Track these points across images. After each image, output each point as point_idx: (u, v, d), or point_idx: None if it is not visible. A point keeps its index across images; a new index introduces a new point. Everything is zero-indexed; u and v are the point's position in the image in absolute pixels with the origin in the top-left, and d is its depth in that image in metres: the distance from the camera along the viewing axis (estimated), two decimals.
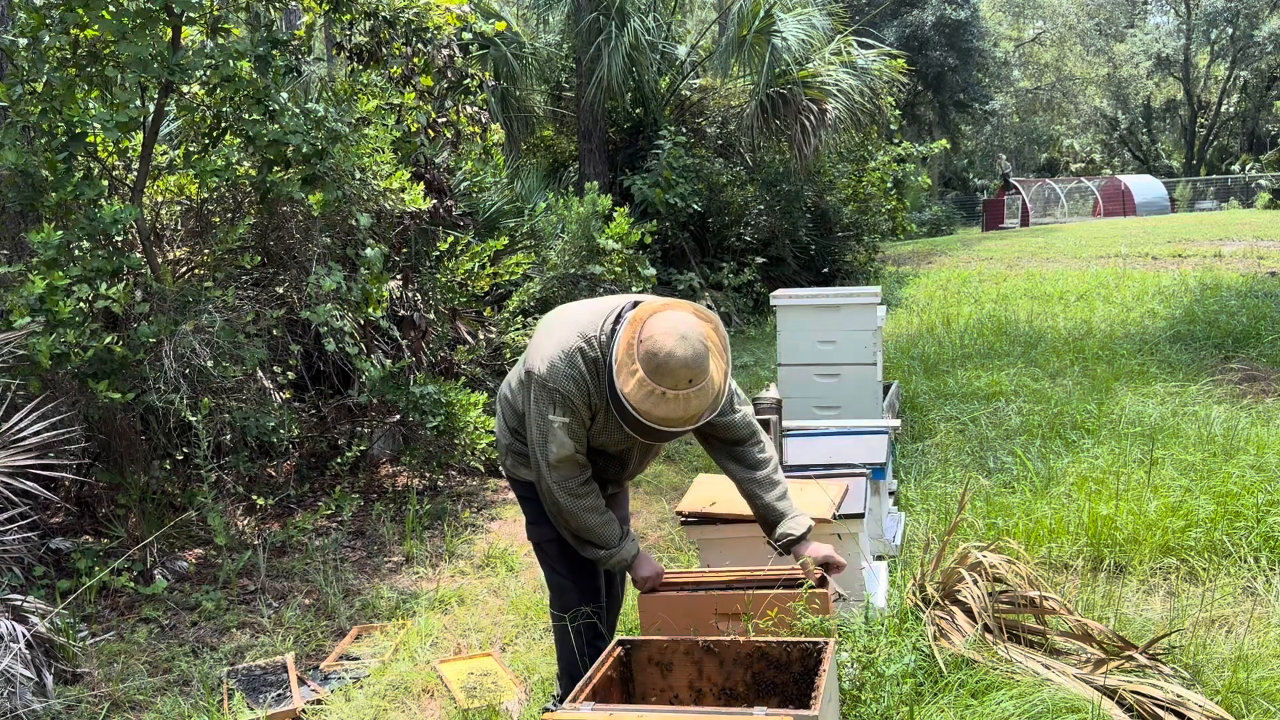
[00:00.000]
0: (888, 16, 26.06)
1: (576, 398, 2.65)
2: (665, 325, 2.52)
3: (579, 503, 2.76)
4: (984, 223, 28.86)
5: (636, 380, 2.50)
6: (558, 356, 2.65)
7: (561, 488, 2.73)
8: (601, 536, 2.81)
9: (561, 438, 2.68)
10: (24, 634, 3.36)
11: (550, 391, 2.66)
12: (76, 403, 4.48)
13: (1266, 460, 4.77)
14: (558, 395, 2.64)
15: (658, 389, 2.48)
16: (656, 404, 2.50)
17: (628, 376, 2.52)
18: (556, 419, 2.66)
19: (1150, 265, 14.26)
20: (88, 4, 4.30)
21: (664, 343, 2.49)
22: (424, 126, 6.35)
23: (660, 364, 2.48)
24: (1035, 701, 2.71)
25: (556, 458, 2.70)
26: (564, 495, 2.74)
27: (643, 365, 2.50)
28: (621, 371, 2.53)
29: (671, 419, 2.53)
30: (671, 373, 2.47)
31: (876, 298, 5.88)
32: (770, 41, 11.51)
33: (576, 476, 2.75)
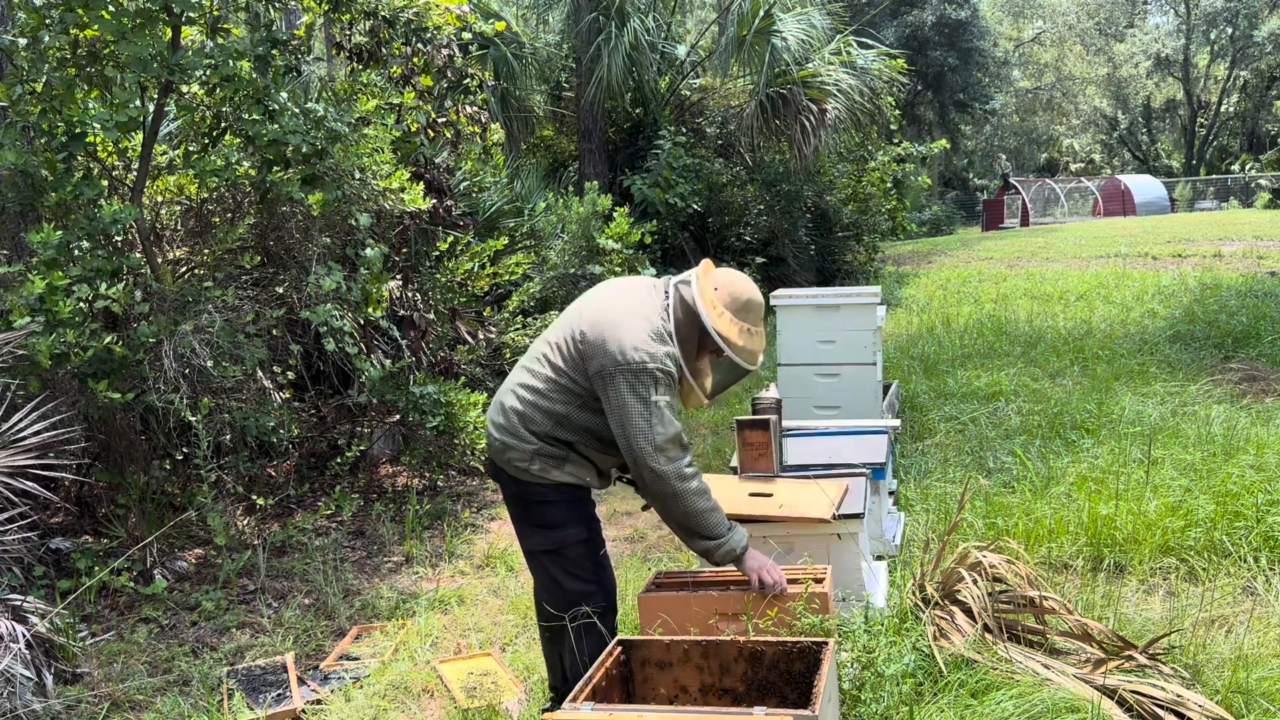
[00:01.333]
0: (888, 16, 26.06)
1: (675, 374, 2.76)
2: (730, 275, 2.89)
3: (689, 485, 2.74)
4: (984, 223, 28.88)
5: (726, 318, 2.80)
6: (647, 338, 2.73)
7: (675, 472, 2.73)
8: (712, 523, 2.79)
9: (669, 417, 2.72)
10: (24, 634, 3.36)
11: (651, 373, 2.70)
12: (76, 403, 4.48)
13: (1266, 460, 4.77)
14: (659, 374, 2.71)
15: (745, 326, 2.83)
16: (746, 340, 2.82)
17: (719, 317, 2.80)
18: (661, 398, 2.71)
19: (1150, 265, 14.26)
20: (87, 4, 4.30)
21: (742, 287, 2.86)
22: (424, 126, 6.35)
23: (743, 303, 2.83)
24: (1035, 701, 2.71)
25: (665, 439, 2.71)
26: (677, 480, 2.73)
27: (728, 303, 2.82)
28: (712, 314, 2.80)
29: (754, 352, 2.85)
30: (753, 310, 2.85)
31: (876, 298, 5.88)
32: (770, 41, 11.51)
33: (684, 458, 2.76)
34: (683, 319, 2.83)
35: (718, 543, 2.80)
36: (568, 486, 2.91)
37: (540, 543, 2.94)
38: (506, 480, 2.95)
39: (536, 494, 2.91)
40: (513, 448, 2.86)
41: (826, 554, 3.40)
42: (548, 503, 2.92)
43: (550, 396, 2.85)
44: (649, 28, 11.64)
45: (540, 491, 2.90)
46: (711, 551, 2.82)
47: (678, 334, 2.80)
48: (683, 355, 2.80)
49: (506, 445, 2.88)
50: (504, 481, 2.98)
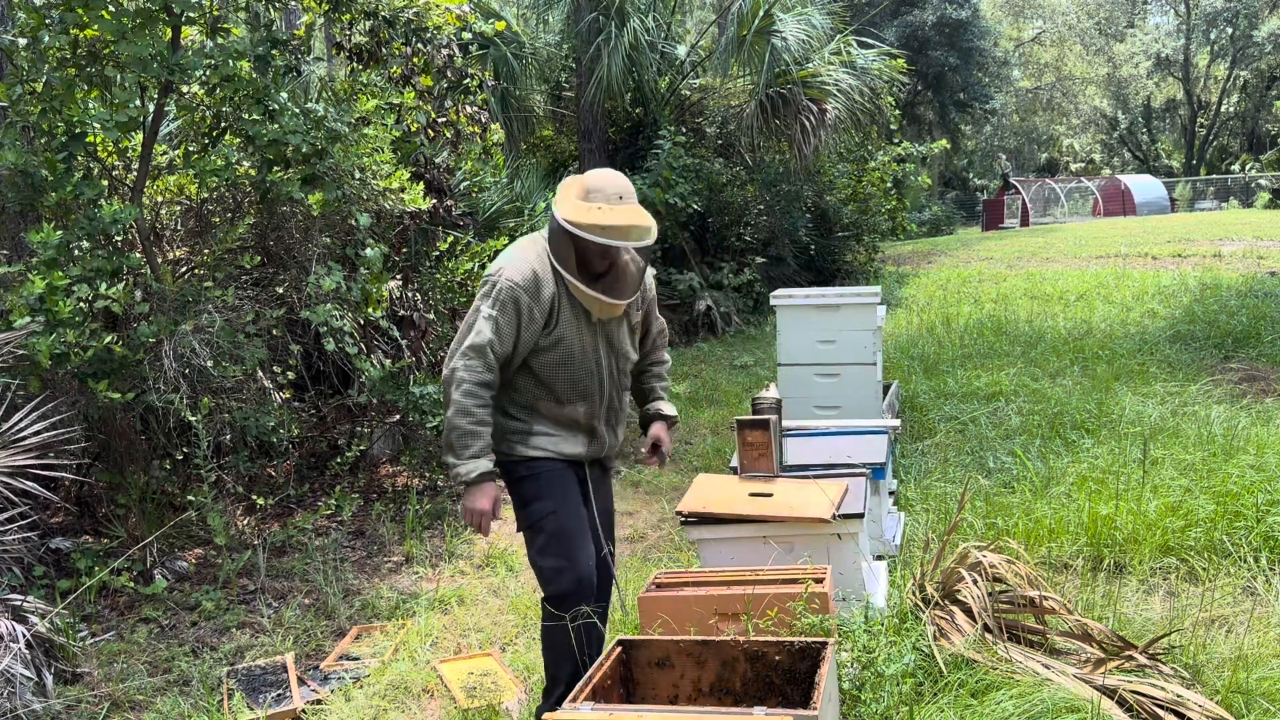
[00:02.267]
0: (888, 16, 26.06)
1: (521, 289, 2.76)
2: (591, 171, 2.87)
3: (463, 399, 2.74)
4: (984, 223, 28.88)
5: (573, 204, 2.78)
6: (509, 254, 2.85)
7: (455, 378, 2.75)
8: (459, 440, 2.76)
9: (483, 326, 2.75)
10: (24, 634, 3.36)
11: (491, 284, 2.78)
12: (76, 403, 4.48)
13: (1266, 460, 4.77)
14: (498, 287, 2.76)
15: (593, 206, 2.76)
16: (595, 216, 2.74)
17: (566, 206, 2.79)
18: (486, 310, 2.76)
19: (1150, 265, 14.26)
20: (87, 4, 4.30)
21: (593, 175, 2.85)
22: (424, 126, 6.35)
23: (590, 186, 2.80)
24: (1035, 701, 2.71)
25: (470, 344, 2.76)
26: (453, 386, 2.75)
27: (578, 194, 2.81)
28: (561, 206, 2.79)
29: (610, 227, 2.73)
30: (600, 189, 2.79)
31: (876, 298, 5.88)
32: (770, 41, 11.51)
33: (478, 372, 2.75)
34: (551, 230, 2.86)
35: (452, 463, 2.79)
36: (540, 460, 2.90)
37: (520, 522, 2.95)
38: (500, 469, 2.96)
39: (514, 472, 2.94)
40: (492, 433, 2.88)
41: (826, 554, 3.40)
42: (521, 479, 2.92)
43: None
44: (649, 28, 11.64)
45: (515, 469, 2.93)
46: (448, 469, 2.83)
47: (553, 249, 2.82)
48: (565, 266, 2.80)
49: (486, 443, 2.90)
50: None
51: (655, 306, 3.17)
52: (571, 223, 2.75)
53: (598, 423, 2.98)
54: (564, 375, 2.88)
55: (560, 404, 2.90)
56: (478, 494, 2.78)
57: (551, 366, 2.86)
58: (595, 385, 2.93)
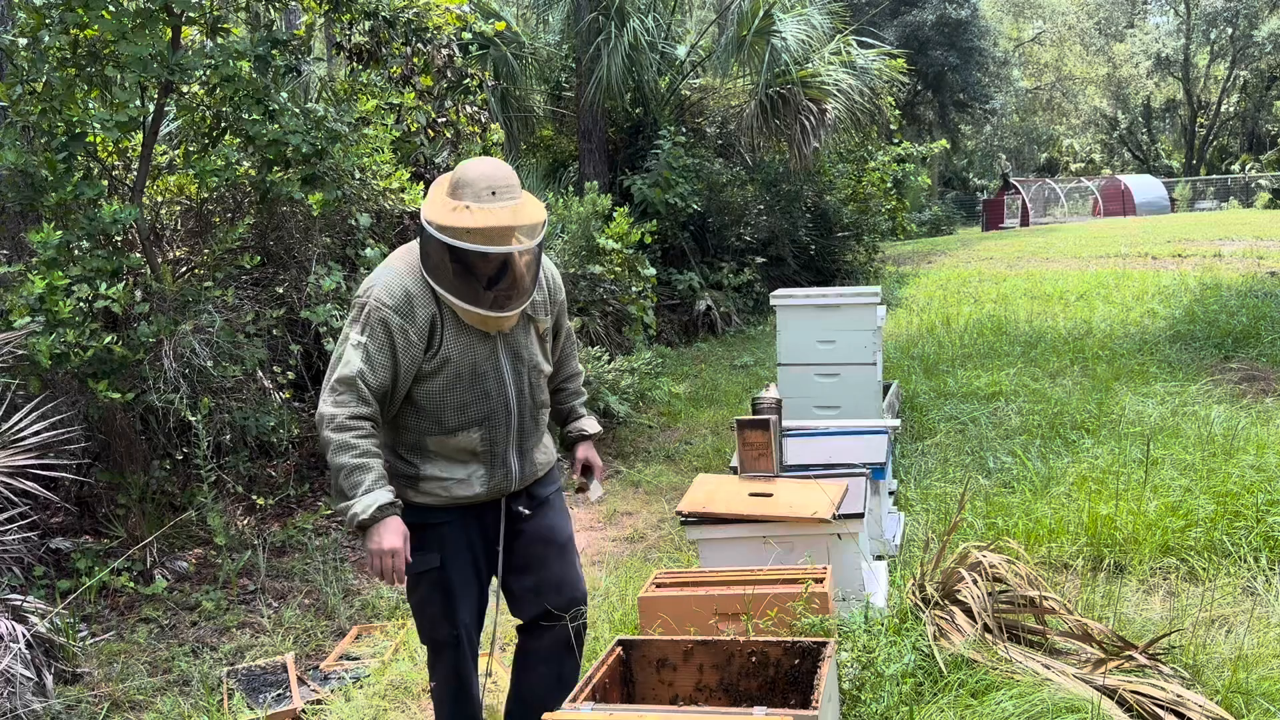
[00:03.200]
0: (888, 16, 26.06)
1: (391, 310, 2.37)
2: (471, 160, 2.43)
3: (339, 435, 2.34)
4: (984, 223, 28.89)
5: (438, 203, 2.37)
6: (380, 269, 2.47)
7: (328, 413, 2.36)
8: (346, 479, 2.35)
9: (351, 356, 2.37)
10: (24, 634, 3.36)
11: (359, 306, 2.41)
12: (76, 403, 4.48)
13: (1266, 460, 4.77)
14: (366, 309, 2.39)
15: (460, 204, 2.33)
16: (460, 218, 2.31)
17: (431, 205, 2.39)
18: (355, 336, 2.38)
19: (1150, 265, 14.26)
20: (87, 4, 4.30)
21: (466, 166, 2.39)
22: (424, 126, 6.35)
23: (458, 180, 2.37)
24: (1035, 701, 2.71)
25: (338, 377, 2.37)
26: (327, 426, 2.35)
27: (445, 191, 2.39)
28: (426, 206, 2.40)
29: (478, 230, 2.30)
30: (470, 184, 2.34)
31: (876, 298, 5.88)
32: (770, 41, 11.51)
33: (351, 405, 2.36)
34: (421, 237, 2.44)
35: (345, 507, 2.36)
36: (430, 509, 2.52)
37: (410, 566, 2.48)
38: None
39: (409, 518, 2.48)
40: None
41: (826, 554, 3.40)
42: (412, 527, 2.47)
43: None
44: (649, 28, 11.65)
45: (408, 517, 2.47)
46: (342, 517, 2.40)
47: (424, 259, 2.42)
48: (438, 278, 2.38)
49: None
50: None
51: (565, 311, 2.76)
52: (434, 225, 2.34)
53: (503, 449, 2.56)
54: (452, 400, 2.48)
55: (449, 434, 2.49)
56: (381, 531, 2.34)
57: (436, 393, 2.46)
58: (498, 406, 2.52)
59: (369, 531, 2.34)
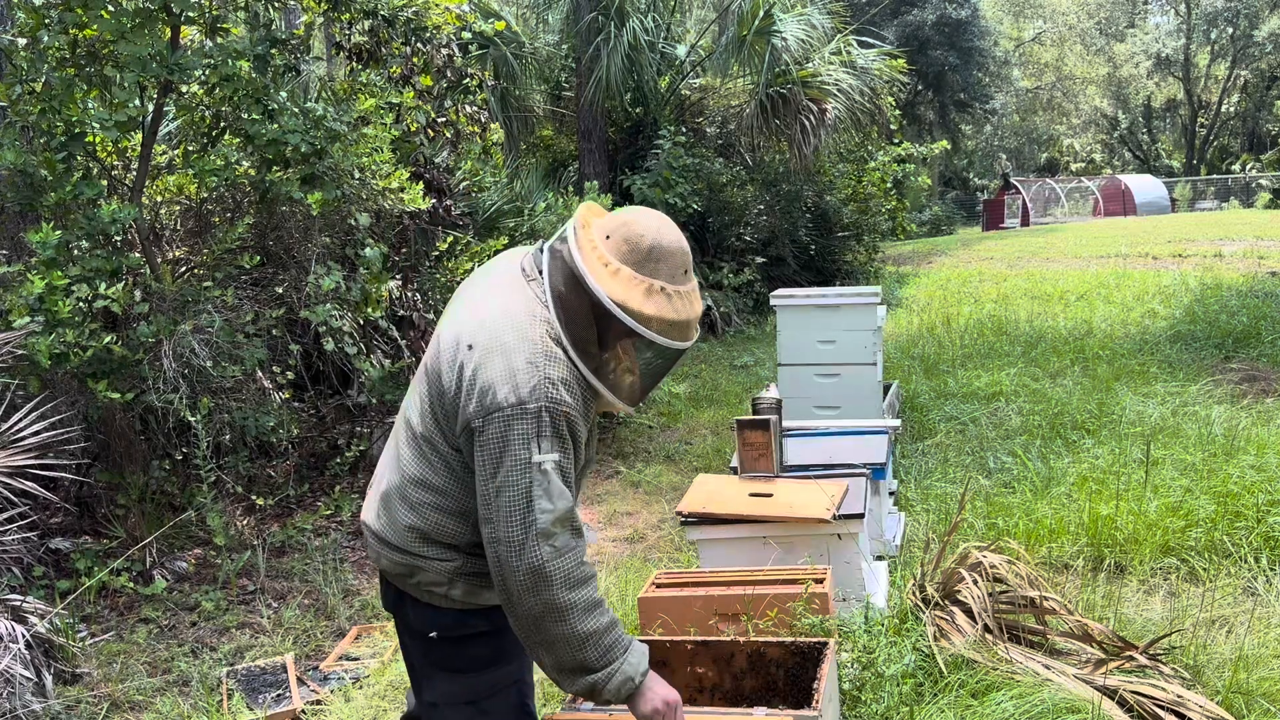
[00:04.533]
0: (888, 16, 26.06)
1: (574, 406, 1.80)
2: (628, 214, 1.88)
3: (578, 594, 1.79)
4: (984, 222, 28.91)
5: (625, 281, 1.80)
6: (527, 359, 1.78)
7: (558, 570, 1.77)
8: (604, 645, 1.81)
9: (556, 486, 1.77)
10: (24, 634, 3.36)
11: (534, 417, 1.76)
12: (76, 403, 4.48)
13: (1266, 460, 4.77)
14: (547, 415, 1.76)
15: (655, 285, 1.81)
16: (662, 307, 1.81)
17: (616, 281, 1.80)
18: (546, 457, 1.76)
19: (1150, 265, 14.26)
20: (86, 4, 4.30)
21: (641, 226, 1.84)
22: (423, 126, 6.35)
23: (651, 249, 1.82)
24: (1035, 702, 2.71)
25: (552, 519, 1.76)
26: (561, 585, 1.77)
27: (626, 261, 1.81)
28: (603, 278, 1.81)
29: (681, 323, 1.84)
30: (665, 257, 1.82)
31: (876, 298, 5.88)
32: (770, 41, 11.51)
33: (575, 550, 1.80)
34: (566, 293, 1.84)
35: (609, 671, 1.82)
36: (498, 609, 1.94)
37: (457, 693, 2.02)
38: (415, 610, 2.02)
39: (464, 626, 2.00)
40: (421, 568, 1.95)
41: (826, 554, 3.39)
42: (475, 636, 2.01)
43: (452, 487, 1.91)
44: (648, 27, 11.64)
45: (469, 622, 2.00)
46: (599, 685, 1.82)
47: (565, 319, 1.83)
48: (579, 351, 1.83)
49: (411, 566, 1.96)
50: (409, 613, 2.04)
51: None
52: (623, 307, 1.79)
53: None
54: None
55: None
56: (652, 684, 1.87)
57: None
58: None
59: (641, 692, 1.85)
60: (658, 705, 1.86)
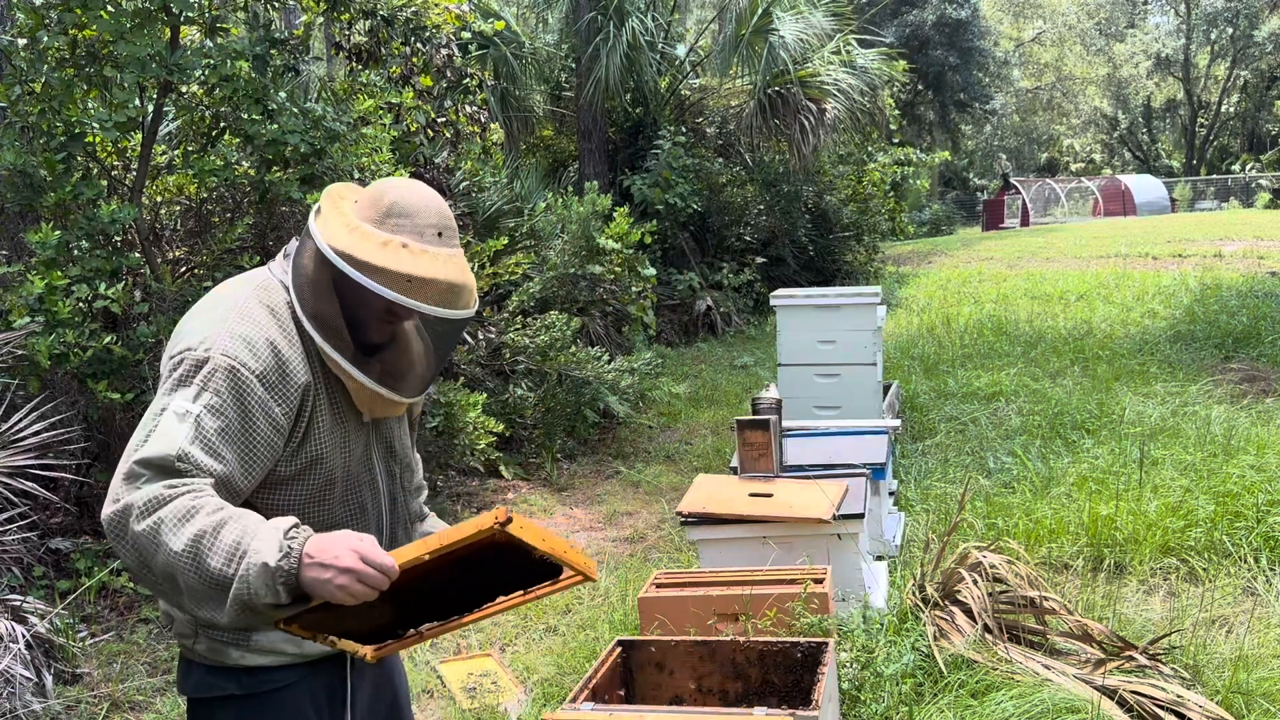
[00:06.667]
0: (888, 16, 26.06)
1: (256, 373, 1.55)
2: (389, 181, 1.69)
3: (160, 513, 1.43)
4: (984, 223, 28.90)
5: (361, 231, 1.60)
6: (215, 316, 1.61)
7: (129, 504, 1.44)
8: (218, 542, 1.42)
9: (172, 429, 1.49)
10: (24, 634, 3.36)
11: (192, 364, 1.54)
12: (76, 403, 4.48)
13: (1266, 460, 4.77)
14: (210, 367, 1.53)
15: (393, 240, 1.59)
16: (400, 260, 1.58)
17: (353, 237, 1.60)
18: (181, 403, 1.51)
19: (1150, 265, 14.26)
20: (86, 4, 4.30)
21: (391, 186, 1.65)
22: (423, 126, 6.35)
23: (392, 205, 1.62)
24: (1035, 702, 2.71)
25: (140, 458, 1.47)
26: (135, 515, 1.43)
27: (368, 213, 1.62)
28: (341, 237, 1.60)
29: (426, 281, 1.59)
30: (409, 213, 1.62)
31: (876, 298, 5.88)
32: (769, 40, 11.52)
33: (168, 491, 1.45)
34: (306, 262, 1.64)
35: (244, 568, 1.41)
36: (267, 672, 1.68)
37: None
38: (178, 668, 1.75)
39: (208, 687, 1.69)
40: (174, 615, 1.67)
41: (826, 554, 3.40)
42: (223, 699, 1.69)
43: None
44: (648, 27, 11.65)
45: (219, 684, 1.68)
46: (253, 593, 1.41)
47: (302, 294, 1.63)
48: (333, 337, 1.62)
49: (168, 613, 1.70)
50: (177, 673, 1.76)
51: None
52: (355, 260, 1.58)
53: None
54: (318, 517, 1.67)
55: None
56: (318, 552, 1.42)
57: (293, 506, 1.65)
58: (372, 523, 1.77)
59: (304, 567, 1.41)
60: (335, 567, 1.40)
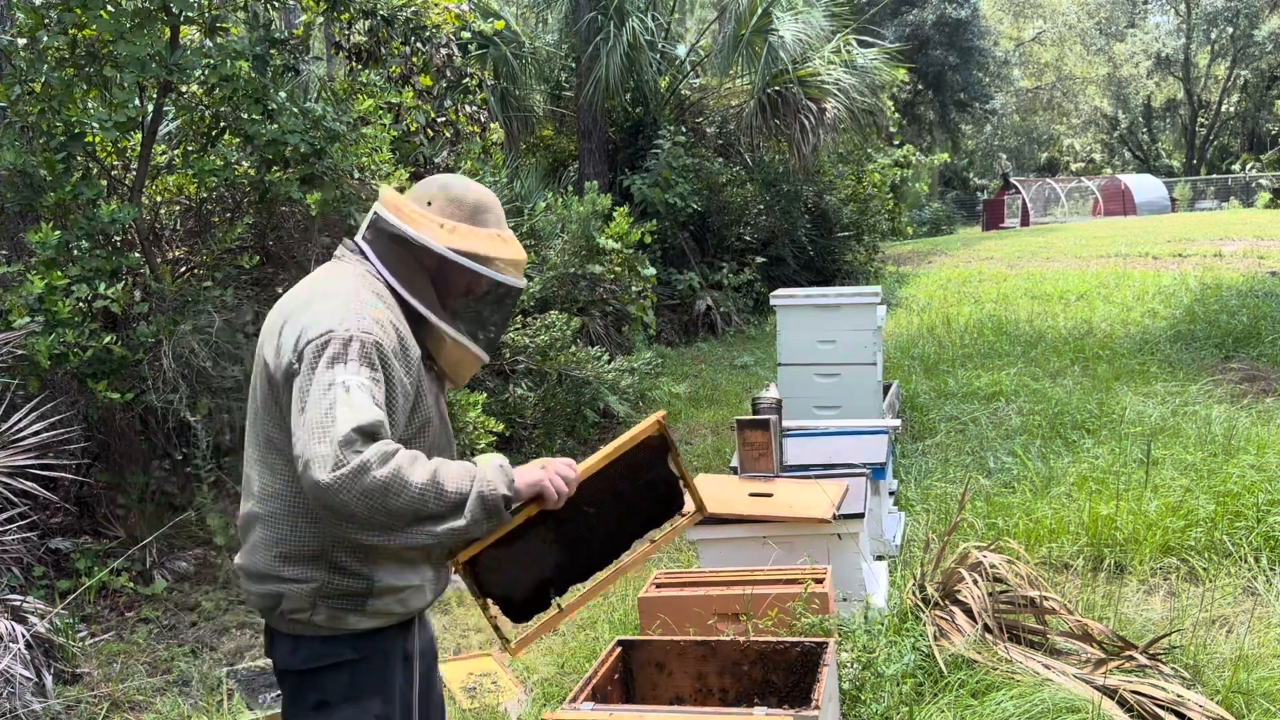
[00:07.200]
0: (888, 15, 26.04)
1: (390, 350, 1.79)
2: (441, 178, 2.00)
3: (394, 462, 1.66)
4: (984, 222, 28.89)
5: (466, 234, 1.90)
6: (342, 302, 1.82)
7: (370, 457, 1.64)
8: (453, 474, 1.72)
9: (360, 399, 1.68)
10: (24, 634, 3.36)
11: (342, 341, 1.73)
12: (76, 403, 4.48)
13: (1266, 460, 4.77)
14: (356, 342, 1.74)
15: (492, 232, 1.94)
16: (501, 248, 1.94)
17: (460, 236, 1.90)
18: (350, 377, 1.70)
19: (1150, 265, 14.25)
20: (86, 4, 4.30)
21: (466, 187, 1.97)
22: (423, 126, 6.35)
23: (477, 204, 1.95)
24: (1035, 701, 2.71)
25: (353, 426, 1.65)
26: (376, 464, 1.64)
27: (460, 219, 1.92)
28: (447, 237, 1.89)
29: (516, 262, 1.97)
30: (491, 209, 1.96)
31: (876, 297, 5.88)
32: (768, 40, 11.52)
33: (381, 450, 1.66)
34: (399, 264, 1.91)
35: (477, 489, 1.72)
36: (376, 634, 1.86)
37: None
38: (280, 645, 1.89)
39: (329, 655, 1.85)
40: (284, 594, 1.82)
41: (826, 554, 3.39)
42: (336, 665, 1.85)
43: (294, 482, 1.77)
44: (648, 27, 11.64)
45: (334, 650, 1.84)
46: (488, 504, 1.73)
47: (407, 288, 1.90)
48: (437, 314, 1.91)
49: (275, 595, 1.83)
50: (276, 650, 1.90)
51: None
52: (478, 256, 1.89)
53: None
54: None
55: None
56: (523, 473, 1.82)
57: None
58: None
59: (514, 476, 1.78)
60: (538, 475, 1.82)
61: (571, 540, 1.95)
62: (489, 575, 1.93)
